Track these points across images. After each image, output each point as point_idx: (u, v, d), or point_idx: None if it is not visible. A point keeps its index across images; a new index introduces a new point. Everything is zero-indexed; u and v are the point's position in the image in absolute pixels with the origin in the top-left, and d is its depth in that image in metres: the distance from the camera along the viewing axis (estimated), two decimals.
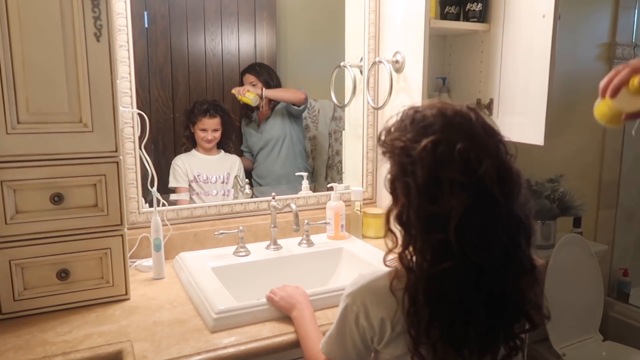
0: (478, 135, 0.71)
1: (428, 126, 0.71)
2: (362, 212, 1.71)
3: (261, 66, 2.12)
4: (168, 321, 1.13)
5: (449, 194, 0.68)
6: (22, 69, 1.05)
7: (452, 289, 0.70)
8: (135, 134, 1.43)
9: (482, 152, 0.69)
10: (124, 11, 1.36)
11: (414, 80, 1.56)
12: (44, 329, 1.09)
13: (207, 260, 1.41)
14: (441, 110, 0.73)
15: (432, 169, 0.69)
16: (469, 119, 0.72)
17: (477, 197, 0.68)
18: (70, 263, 1.16)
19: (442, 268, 0.69)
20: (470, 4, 1.65)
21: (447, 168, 0.68)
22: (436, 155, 0.69)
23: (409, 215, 0.71)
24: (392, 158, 0.75)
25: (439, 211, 0.68)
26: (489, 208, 0.69)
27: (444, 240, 0.68)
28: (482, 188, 0.68)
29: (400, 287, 0.73)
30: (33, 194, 1.11)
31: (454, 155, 0.68)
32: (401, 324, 0.74)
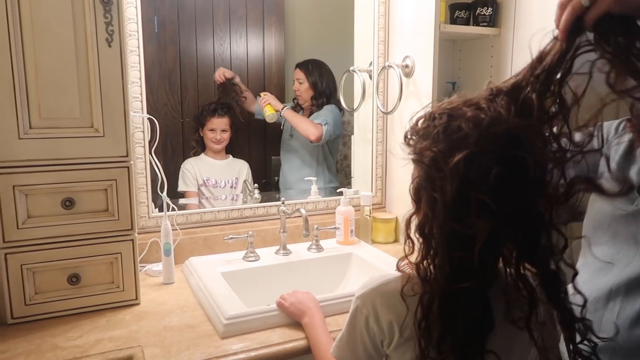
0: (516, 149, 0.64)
1: (462, 139, 0.65)
2: (372, 217, 1.70)
3: (316, 65, 2.07)
4: (178, 326, 1.13)
5: (476, 216, 0.64)
6: (34, 75, 1.06)
7: (468, 308, 0.68)
8: (146, 139, 1.43)
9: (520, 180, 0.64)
10: (134, 17, 1.37)
11: (424, 84, 1.55)
12: (54, 334, 1.09)
13: (217, 265, 1.41)
14: (476, 119, 0.65)
15: (462, 187, 0.64)
16: (506, 124, 0.65)
17: (506, 224, 0.65)
18: (81, 268, 1.16)
19: (461, 287, 0.66)
20: (481, 9, 1.64)
21: (479, 189, 0.64)
22: (468, 174, 0.64)
23: (432, 228, 0.68)
24: (419, 166, 0.70)
25: (464, 230, 0.65)
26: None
27: (465, 259, 0.66)
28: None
29: (412, 294, 0.71)
30: (44, 198, 1.11)
31: (488, 178, 0.63)
32: (409, 330, 0.73)
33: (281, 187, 2.09)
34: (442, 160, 0.65)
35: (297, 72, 2.06)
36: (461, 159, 0.64)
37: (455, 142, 0.65)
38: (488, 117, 0.65)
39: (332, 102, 2.04)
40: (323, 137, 1.95)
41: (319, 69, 2.06)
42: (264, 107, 2.00)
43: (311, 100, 2.05)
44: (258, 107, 2.06)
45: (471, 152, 0.64)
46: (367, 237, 1.69)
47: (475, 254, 0.65)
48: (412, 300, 0.71)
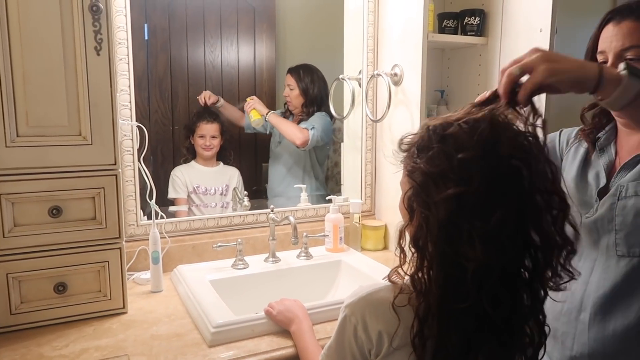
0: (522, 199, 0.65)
1: (463, 169, 0.64)
2: (361, 224, 1.71)
3: (308, 71, 2.05)
4: (165, 335, 1.12)
5: (468, 244, 0.63)
6: (22, 82, 1.06)
7: (464, 323, 0.67)
8: (135, 147, 1.43)
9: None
10: (124, 25, 1.37)
11: (413, 93, 1.57)
12: (40, 343, 1.08)
13: (206, 273, 1.40)
14: (484, 152, 0.64)
15: (453, 215, 0.64)
16: (519, 174, 0.64)
17: (499, 255, 0.65)
18: (67, 276, 1.16)
19: (458, 307, 0.66)
20: (468, 18, 1.66)
21: (470, 221, 0.63)
22: (460, 206, 0.63)
23: (426, 241, 0.67)
24: (412, 181, 0.69)
25: (457, 253, 0.65)
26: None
27: (459, 279, 0.65)
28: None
29: (404, 304, 0.71)
30: (31, 206, 1.10)
31: (483, 213, 0.63)
32: (399, 339, 0.72)
33: (269, 195, 2.09)
34: (435, 185, 0.65)
35: (288, 77, 2.06)
36: (455, 193, 0.63)
37: (457, 171, 0.64)
38: (497, 155, 0.64)
39: (324, 109, 2.03)
40: (309, 142, 1.93)
41: (311, 75, 2.05)
42: (249, 112, 1.99)
43: (302, 107, 2.05)
44: (247, 121, 2.06)
45: (466, 191, 0.63)
46: (357, 244, 1.70)
47: (469, 277, 0.64)
48: (405, 311, 0.70)
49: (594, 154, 0.93)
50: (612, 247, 0.85)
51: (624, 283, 0.84)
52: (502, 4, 1.60)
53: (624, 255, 0.84)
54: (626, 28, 0.83)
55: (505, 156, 0.64)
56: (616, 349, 0.85)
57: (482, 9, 1.66)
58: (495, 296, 0.66)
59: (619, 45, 0.84)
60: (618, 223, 0.84)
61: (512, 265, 0.67)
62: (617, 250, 0.84)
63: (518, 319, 0.70)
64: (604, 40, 0.88)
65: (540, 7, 1.44)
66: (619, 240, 0.84)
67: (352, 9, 1.79)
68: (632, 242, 0.83)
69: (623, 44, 0.83)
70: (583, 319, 0.88)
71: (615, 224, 0.84)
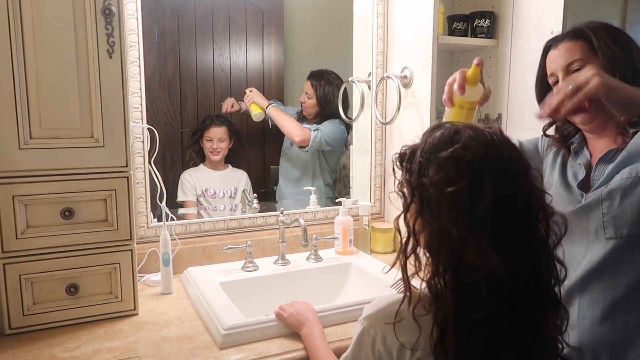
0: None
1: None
2: (370, 227, 1.71)
3: (328, 81, 1.99)
4: (176, 337, 1.12)
5: (477, 256, 0.65)
6: (35, 85, 1.06)
7: (482, 332, 0.67)
8: (145, 149, 1.44)
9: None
10: (135, 28, 1.38)
11: (422, 95, 1.57)
12: (52, 344, 1.08)
13: (215, 275, 1.41)
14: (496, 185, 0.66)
15: (463, 227, 0.65)
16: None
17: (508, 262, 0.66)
18: (79, 278, 1.16)
19: (474, 317, 0.66)
20: (478, 20, 1.66)
21: (481, 236, 0.65)
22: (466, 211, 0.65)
23: (440, 248, 0.68)
24: (420, 197, 0.69)
25: (468, 264, 0.66)
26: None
27: (475, 287, 0.65)
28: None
29: (424, 313, 0.70)
30: (44, 208, 1.11)
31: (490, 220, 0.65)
32: (421, 350, 0.71)
33: (278, 197, 2.08)
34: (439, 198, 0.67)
35: (307, 84, 2.02)
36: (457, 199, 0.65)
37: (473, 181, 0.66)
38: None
39: (338, 118, 1.99)
40: (311, 142, 1.89)
41: (330, 86, 1.99)
42: (248, 105, 1.97)
43: (316, 116, 2.02)
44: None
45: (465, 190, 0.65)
46: (366, 247, 1.70)
47: (482, 285, 0.64)
48: (425, 320, 0.70)
49: (570, 157, 1.01)
50: (601, 230, 0.90)
51: (611, 261, 0.89)
52: (513, 6, 1.60)
53: (611, 237, 0.89)
54: (564, 47, 0.96)
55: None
56: (606, 327, 0.89)
57: (493, 11, 1.66)
58: (510, 304, 0.66)
59: (563, 61, 0.95)
60: (605, 207, 0.89)
61: (524, 272, 0.67)
62: (606, 232, 0.89)
63: (534, 326, 0.70)
64: (549, 64, 0.99)
65: (551, 9, 1.43)
66: (606, 223, 0.89)
67: (361, 11, 1.80)
68: (619, 223, 0.87)
69: (566, 60, 0.94)
70: (576, 302, 0.92)
71: (602, 208, 0.89)
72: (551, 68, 0.99)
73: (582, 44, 0.94)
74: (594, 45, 0.93)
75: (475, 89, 0.98)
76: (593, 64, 0.90)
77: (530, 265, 0.68)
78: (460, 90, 0.95)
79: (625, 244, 0.88)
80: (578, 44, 0.94)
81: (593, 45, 0.93)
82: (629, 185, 0.87)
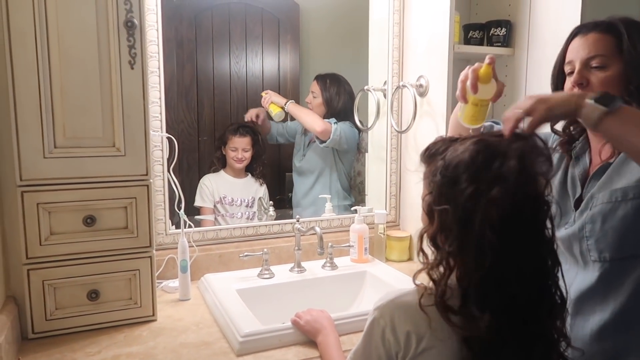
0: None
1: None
2: (386, 235, 1.71)
3: (335, 81, 2.02)
4: (194, 343, 1.14)
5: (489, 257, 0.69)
6: (60, 96, 1.10)
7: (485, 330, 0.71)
8: (164, 157, 1.46)
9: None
10: (155, 39, 1.41)
11: (438, 104, 1.57)
12: (74, 349, 1.11)
13: (232, 282, 1.42)
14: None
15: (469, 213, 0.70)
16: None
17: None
18: (100, 284, 1.19)
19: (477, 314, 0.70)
20: (494, 29, 1.66)
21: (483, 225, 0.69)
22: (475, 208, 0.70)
23: (444, 241, 0.73)
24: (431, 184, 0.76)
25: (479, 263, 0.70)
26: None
27: (483, 283, 0.70)
28: None
29: (431, 304, 0.73)
30: (67, 216, 1.14)
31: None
32: (426, 341, 0.73)
33: (293, 205, 2.10)
34: (451, 187, 0.72)
35: (313, 84, 2.04)
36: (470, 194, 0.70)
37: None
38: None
39: (347, 120, 2.01)
40: (332, 134, 1.89)
41: (337, 86, 2.02)
42: (267, 106, 1.98)
43: (322, 117, 2.05)
44: (272, 132, 2.08)
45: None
46: (381, 255, 1.70)
47: (489, 283, 0.70)
48: (433, 312, 0.73)
49: (571, 163, 0.99)
50: (586, 253, 0.90)
51: (599, 285, 0.89)
52: (529, 15, 1.60)
53: (596, 260, 0.89)
54: (592, 39, 0.91)
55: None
56: (594, 349, 0.88)
57: (509, 20, 1.66)
58: (513, 298, 0.70)
59: (585, 54, 0.91)
60: (587, 230, 0.90)
61: (528, 265, 0.71)
62: (590, 255, 0.90)
63: (539, 325, 0.73)
64: (571, 51, 0.94)
65: (568, 17, 1.43)
66: (590, 247, 0.89)
67: (377, 20, 1.81)
68: (601, 247, 0.88)
69: (589, 53, 0.90)
70: (568, 322, 0.90)
71: (585, 232, 0.90)
72: (571, 56, 0.94)
73: (610, 39, 0.89)
74: (623, 45, 0.87)
75: (488, 86, 0.96)
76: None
77: (538, 267, 0.73)
78: (473, 90, 0.94)
79: (610, 267, 0.88)
80: (606, 39, 0.89)
81: (621, 45, 0.87)
82: (609, 211, 0.86)
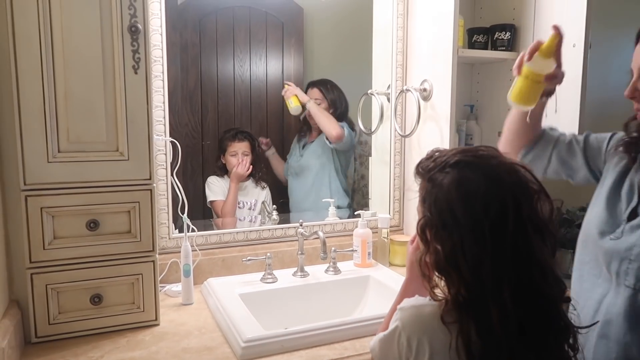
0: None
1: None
2: (389, 239, 1.70)
3: (331, 84, 2.07)
4: (196, 348, 1.14)
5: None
6: (64, 100, 1.10)
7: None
8: (168, 161, 1.46)
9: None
10: (159, 43, 1.41)
11: (442, 108, 1.56)
12: (76, 353, 1.10)
13: (235, 286, 1.42)
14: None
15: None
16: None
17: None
18: (103, 288, 1.19)
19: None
20: (499, 33, 1.65)
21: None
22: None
23: (448, 266, 0.73)
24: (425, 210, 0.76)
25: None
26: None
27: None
28: None
29: (451, 321, 0.72)
30: (70, 220, 1.14)
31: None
32: (441, 357, 0.73)
33: (292, 209, 2.09)
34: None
35: (314, 91, 2.05)
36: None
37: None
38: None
39: (344, 120, 2.04)
40: (345, 137, 1.93)
41: (335, 89, 2.06)
42: (289, 97, 1.99)
43: None
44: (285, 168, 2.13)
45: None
46: (385, 259, 1.69)
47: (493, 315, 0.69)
48: (455, 329, 0.72)
49: (634, 167, 0.90)
50: (623, 276, 0.83)
51: (630, 311, 0.82)
52: (534, 19, 1.59)
53: (629, 286, 0.82)
54: None
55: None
56: None
57: (513, 24, 1.65)
58: (521, 328, 0.69)
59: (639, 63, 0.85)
60: (635, 254, 0.82)
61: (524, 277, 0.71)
62: (626, 280, 0.83)
63: (546, 350, 0.72)
64: (635, 55, 0.90)
65: (573, 21, 1.42)
66: (630, 271, 0.82)
67: (381, 24, 1.81)
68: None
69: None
70: (591, 337, 0.88)
71: (632, 253, 0.82)
72: (635, 61, 0.89)
73: None
74: None
75: (546, 62, 0.89)
76: None
77: (537, 290, 0.72)
78: (528, 56, 0.87)
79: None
80: None
81: None
82: None
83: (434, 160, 0.76)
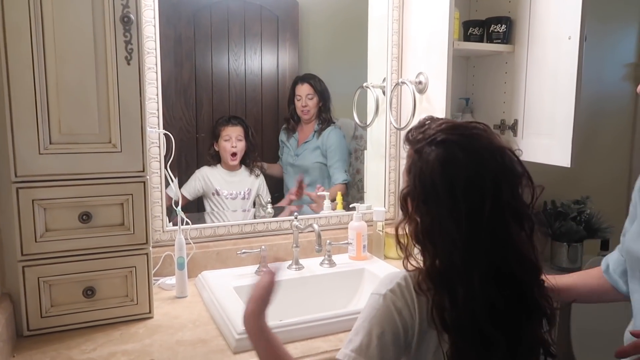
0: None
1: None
2: (384, 232, 1.70)
3: (318, 78, 2.10)
4: (190, 341, 1.13)
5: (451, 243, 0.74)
6: (55, 92, 1.09)
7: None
8: (161, 154, 1.45)
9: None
10: (153, 35, 1.40)
11: (437, 101, 1.56)
12: (69, 346, 1.10)
13: (229, 279, 1.41)
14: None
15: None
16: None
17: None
18: (96, 281, 1.18)
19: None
20: (494, 26, 1.65)
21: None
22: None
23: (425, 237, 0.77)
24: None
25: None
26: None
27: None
28: None
29: (426, 288, 0.75)
30: (62, 212, 1.13)
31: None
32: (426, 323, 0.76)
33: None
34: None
35: (305, 87, 2.06)
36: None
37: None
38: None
39: (332, 119, 2.07)
40: (348, 180, 2.03)
41: (321, 82, 2.09)
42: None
43: (319, 114, 2.07)
44: (284, 157, 2.12)
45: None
46: (380, 252, 1.69)
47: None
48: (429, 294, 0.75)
49: None
50: None
51: None
52: (529, 12, 1.59)
53: None
54: None
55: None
56: None
57: (509, 17, 1.65)
58: (494, 308, 0.71)
59: None
60: None
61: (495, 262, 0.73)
62: None
63: (522, 331, 0.74)
64: None
65: (568, 14, 1.42)
66: None
67: (376, 17, 1.80)
68: None
69: None
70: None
71: None
72: None
73: None
74: None
75: None
76: None
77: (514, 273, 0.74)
78: None
79: None
80: None
81: None
82: None
83: (423, 132, 0.77)
